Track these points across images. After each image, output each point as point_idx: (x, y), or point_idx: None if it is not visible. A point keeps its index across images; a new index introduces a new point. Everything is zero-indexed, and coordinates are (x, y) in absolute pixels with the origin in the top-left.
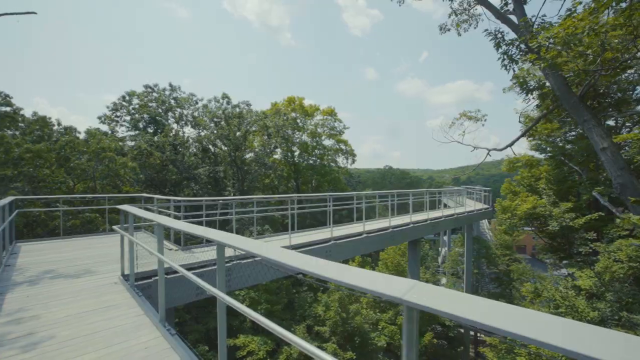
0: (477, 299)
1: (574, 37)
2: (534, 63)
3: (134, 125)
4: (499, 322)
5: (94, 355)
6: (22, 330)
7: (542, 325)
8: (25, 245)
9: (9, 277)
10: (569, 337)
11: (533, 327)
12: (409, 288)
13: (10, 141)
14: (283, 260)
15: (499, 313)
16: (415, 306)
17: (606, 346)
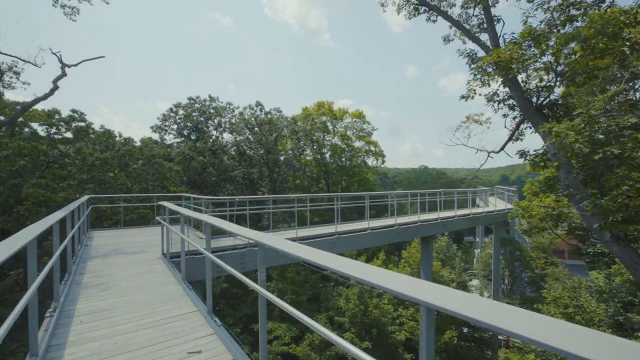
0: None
1: (506, 62)
2: (489, 79)
3: (179, 132)
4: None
5: (141, 295)
6: (100, 281)
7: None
8: (97, 232)
9: (89, 253)
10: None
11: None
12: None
13: (85, 151)
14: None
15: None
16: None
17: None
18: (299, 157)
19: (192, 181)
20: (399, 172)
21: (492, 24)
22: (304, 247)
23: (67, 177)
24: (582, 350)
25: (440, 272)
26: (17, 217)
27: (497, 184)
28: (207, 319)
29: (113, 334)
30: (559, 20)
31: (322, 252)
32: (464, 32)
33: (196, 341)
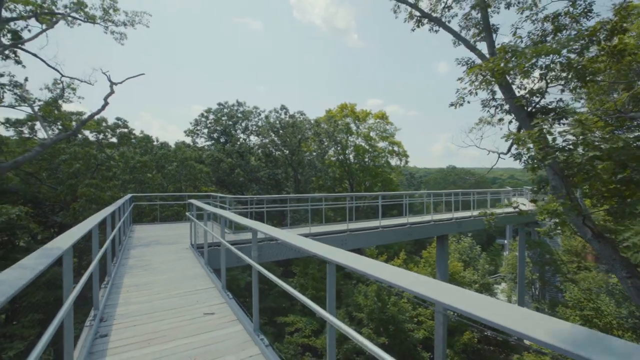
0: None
1: (491, 72)
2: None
3: (209, 136)
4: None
5: (172, 275)
6: (141, 264)
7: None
8: (138, 226)
9: (132, 242)
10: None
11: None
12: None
13: (128, 155)
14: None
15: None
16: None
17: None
18: (322, 158)
19: (221, 181)
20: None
21: (490, 33)
22: (295, 236)
23: (112, 178)
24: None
25: (462, 272)
26: (73, 213)
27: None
28: (222, 292)
29: (150, 300)
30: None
31: (313, 241)
32: (462, 42)
33: (211, 307)
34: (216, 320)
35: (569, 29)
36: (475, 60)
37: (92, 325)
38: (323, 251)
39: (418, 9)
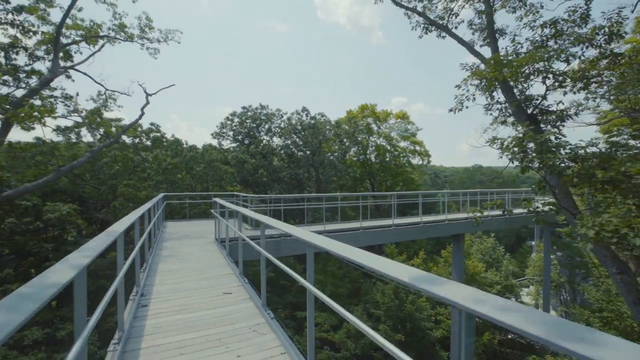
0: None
1: (488, 79)
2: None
3: (234, 138)
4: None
5: (199, 263)
6: (172, 253)
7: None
8: (169, 223)
9: (164, 236)
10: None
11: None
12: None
13: (160, 157)
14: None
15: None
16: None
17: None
18: (343, 158)
19: (245, 181)
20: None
21: (494, 38)
22: (295, 228)
23: (147, 179)
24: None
25: (483, 273)
26: (113, 210)
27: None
28: (239, 277)
29: (180, 282)
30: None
31: (310, 233)
32: (467, 48)
33: (230, 288)
34: (233, 298)
35: (567, 34)
36: (480, 65)
37: (135, 299)
38: (309, 237)
39: (425, 17)
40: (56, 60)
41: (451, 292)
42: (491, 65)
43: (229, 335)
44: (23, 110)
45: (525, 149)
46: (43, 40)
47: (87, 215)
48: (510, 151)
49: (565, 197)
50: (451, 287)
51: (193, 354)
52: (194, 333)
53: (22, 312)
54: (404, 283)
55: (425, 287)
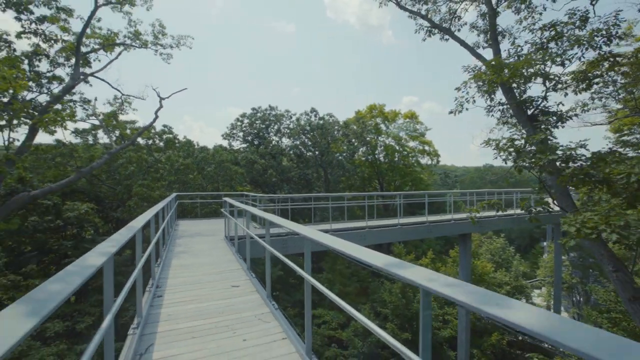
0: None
1: (489, 82)
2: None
3: (244, 139)
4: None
5: (210, 259)
6: (185, 250)
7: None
8: (181, 221)
9: (177, 234)
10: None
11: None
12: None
13: (173, 158)
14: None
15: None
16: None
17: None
18: (351, 158)
19: (255, 181)
20: (467, 170)
21: (496, 40)
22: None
23: (160, 179)
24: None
25: (491, 274)
26: (128, 209)
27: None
28: (247, 272)
29: (192, 275)
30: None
31: (308, 228)
32: (469, 51)
33: (238, 282)
34: (240, 291)
35: (567, 37)
36: (482, 68)
37: (151, 290)
38: (305, 231)
39: (428, 20)
40: (77, 68)
41: (413, 274)
42: (490, 69)
43: (236, 322)
44: (48, 116)
45: (518, 150)
46: (64, 48)
47: (104, 214)
48: (505, 152)
49: (563, 196)
50: (414, 270)
51: (203, 337)
52: (204, 320)
53: (71, 284)
54: (378, 268)
55: (394, 271)
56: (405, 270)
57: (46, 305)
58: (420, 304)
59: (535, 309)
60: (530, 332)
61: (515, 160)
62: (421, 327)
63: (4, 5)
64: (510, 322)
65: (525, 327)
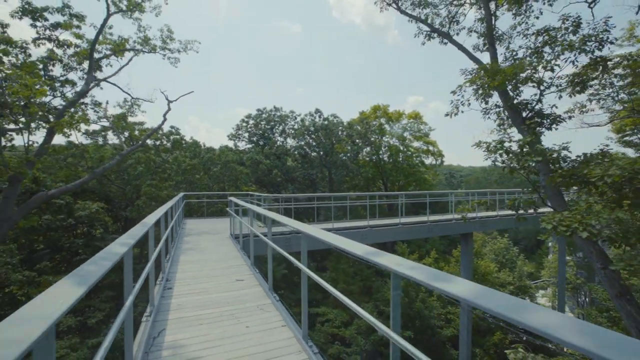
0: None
1: (482, 85)
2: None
3: (249, 140)
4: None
5: (216, 255)
6: (192, 247)
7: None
8: (189, 220)
9: (184, 232)
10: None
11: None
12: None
13: (180, 159)
14: (298, 227)
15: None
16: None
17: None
18: (355, 159)
19: (260, 181)
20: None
21: (492, 44)
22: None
23: (167, 179)
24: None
25: (495, 273)
26: (137, 208)
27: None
28: (250, 268)
29: (199, 270)
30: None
31: (305, 225)
32: (466, 54)
33: (242, 276)
34: (244, 284)
35: (560, 42)
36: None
37: (161, 283)
38: (299, 226)
39: (428, 25)
40: (90, 74)
41: (385, 260)
42: (485, 73)
43: (240, 311)
44: (64, 120)
45: (508, 152)
46: (77, 53)
47: (113, 213)
48: (495, 154)
49: (555, 196)
50: (387, 257)
51: (210, 324)
52: (211, 309)
53: (102, 267)
54: (358, 256)
55: (371, 258)
56: (380, 257)
57: (88, 279)
58: (391, 285)
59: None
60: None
61: (503, 162)
62: (392, 305)
63: (21, 13)
64: (453, 294)
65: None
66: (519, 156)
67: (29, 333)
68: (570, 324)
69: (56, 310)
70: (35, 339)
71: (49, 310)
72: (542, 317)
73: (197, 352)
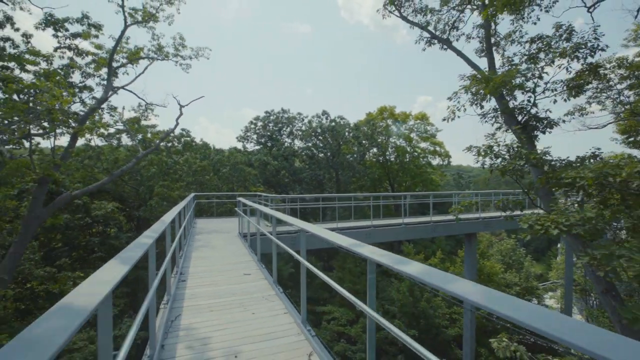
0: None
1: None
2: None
3: (258, 141)
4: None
5: (226, 252)
6: (203, 244)
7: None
8: (199, 220)
9: (195, 231)
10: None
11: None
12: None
13: (191, 160)
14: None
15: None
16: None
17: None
18: (362, 160)
19: (268, 182)
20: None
21: (490, 50)
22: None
23: (179, 180)
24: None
25: (501, 274)
26: (149, 208)
27: None
28: (257, 263)
29: (210, 265)
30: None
31: (306, 223)
32: (464, 60)
33: (249, 270)
34: (251, 278)
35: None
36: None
37: (176, 276)
38: (298, 223)
39: (428, 31)
40: (109, 82)
41: (366, 251)
42: (477, 81)
43: (247, 300)
44: (87, 126)
45: (498, 156)
46: (97, 62)
47: (126, 213)
48: (486, 157)
49: (546, 196)
50: (367, 248)
51: (220, 311)
52: (221, 299)
53: (137, 252)
54: (344, 248)
55: (354, 249)
56: (361, 248)
57: (127, 263)
58: (367, 271)
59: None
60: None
61: (491, 165)
62: (368, 286)
63: (44, 25)
64: (408, 274)
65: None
66: (507, 160)
67: (95, 296)
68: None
69: (113, 279)
70: (101, 299)
71: (108, 278)
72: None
73: (209, 334)
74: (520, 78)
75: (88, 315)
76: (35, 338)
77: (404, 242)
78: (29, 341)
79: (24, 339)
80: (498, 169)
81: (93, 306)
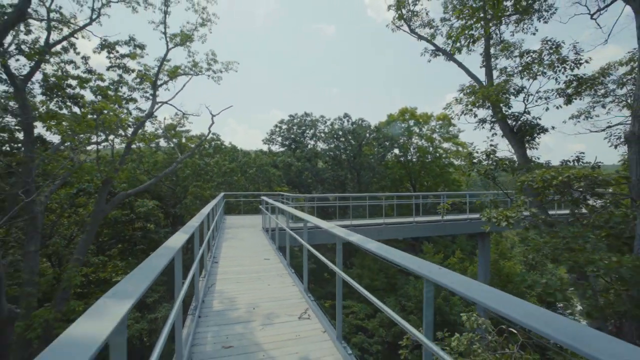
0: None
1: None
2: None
3: (282, 143)
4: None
5: (250, 243)
6: (232, 236)
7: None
8: (228, 216)
9: (225, 226)
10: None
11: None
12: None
13: (220, 162)
14: (313, 221)
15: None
16: (338, 237)
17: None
18: (382, 161)
19: (292, 182)
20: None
21: (489, 61)
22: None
23: (210, 181)
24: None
25: (519, 275)
26: (184, 206)
27: None
28: (276, 252)
29: (238, 252)
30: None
31: (321, 220)
32: (465, 71)
33: (269, 256)
34: (270, 262)
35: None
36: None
37: (210, 260)
38: (310, 218)
39: (432, 44)
40: (154, 98)
41: (338, 231)
42: (468, 93)
43: (265, 277)
44: (138, 136)
45: (480, 162)
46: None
47: (164, 210)
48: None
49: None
50: (356, 236)
51: (243, 282)
52: (244, 275)
53: (187, 233)
54: (342, 238)
55: (347, 237)
56: (352, 236)
57: (170, 252)
58: (337, 252)
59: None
60: (386, 259)
61: (478, 170)
62: (337, 260)
63: (100, 48)
64: (371, 250)
65: (374, 251)
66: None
67: (141, 283)
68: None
69: (158, 265)
70: (145, 288)
71: (154, 264)
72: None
73: (235, 295)
74: (503, 94)
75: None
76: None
77: (424, 242)
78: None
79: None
80: (484, 174)
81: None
